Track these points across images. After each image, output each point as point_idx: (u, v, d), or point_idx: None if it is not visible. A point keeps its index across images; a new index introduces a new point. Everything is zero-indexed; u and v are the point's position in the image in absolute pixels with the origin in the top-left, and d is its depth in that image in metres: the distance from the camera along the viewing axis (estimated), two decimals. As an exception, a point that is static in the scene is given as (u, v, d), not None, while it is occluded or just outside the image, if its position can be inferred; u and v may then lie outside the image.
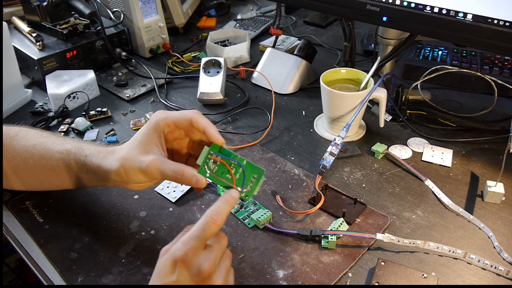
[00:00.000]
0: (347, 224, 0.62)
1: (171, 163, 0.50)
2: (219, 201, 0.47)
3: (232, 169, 0.49)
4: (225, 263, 0.47)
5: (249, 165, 0.49)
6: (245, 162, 0.49)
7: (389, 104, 0.84)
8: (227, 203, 0.47)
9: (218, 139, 0.50)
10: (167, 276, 0.43)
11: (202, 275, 0.43)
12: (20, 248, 0.61)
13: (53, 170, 0.59)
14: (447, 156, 0.75)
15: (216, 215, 0.45)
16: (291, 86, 0.95)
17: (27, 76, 1.00)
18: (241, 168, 0.49)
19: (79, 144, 0.59)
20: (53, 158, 0.58)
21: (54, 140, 0.61)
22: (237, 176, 0.49)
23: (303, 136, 0.82)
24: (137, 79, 1.01)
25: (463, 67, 0.93)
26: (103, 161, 0.55)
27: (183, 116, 0.52)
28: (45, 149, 0.59)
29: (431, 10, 0.69)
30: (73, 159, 0.58)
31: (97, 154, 0.56)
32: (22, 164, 0.60)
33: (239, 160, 0.49)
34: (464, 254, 0.57)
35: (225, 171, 0.50)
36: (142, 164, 0.51)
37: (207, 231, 0.44)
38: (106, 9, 1.08)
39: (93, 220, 0.64)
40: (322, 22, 1.29)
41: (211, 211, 0.46)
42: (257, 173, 0.49)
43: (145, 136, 0.52)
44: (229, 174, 0.49)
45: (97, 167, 0.55)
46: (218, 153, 0.50)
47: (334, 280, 0.55)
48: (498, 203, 0.66)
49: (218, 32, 1.14)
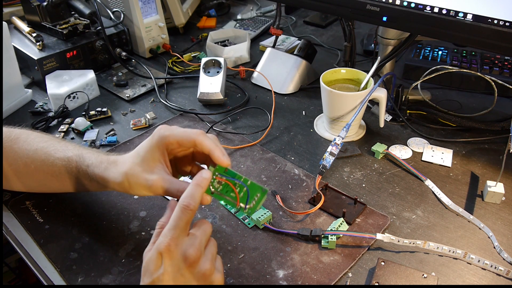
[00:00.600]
0: (347, 224, 0.62)
1: (176, 182, 0.50)
2: (191, 185, 0.47)
3: (236, 188, 0.50)
4: (210, 249, 0.47)
5: (252, 185, 0.50)
6: (249, 182, 0.50)
7: (389, 104, 0.84)
8: (198, 187, 0.47)
9: (223, 162, 0.49)
10: (155, 271, 0.43)
11: (188, 261, 0.44)
12: (20, 248, 0.61)
13: (55, 176, 0.59)
14: (447, 156, 0.75)
15: (188, 200, 0.46)
16: (291, 86, 0.95)
17: (27, 76, 1.00)
18: (245, 188, 0.50)
19: (80, 151, 0.59)
20: (55, 165, 0.58)
21: (55, 146, 0.60)
22: (241, 195, 0.51)
23: (303, 136, 0.82)
24: (137, 79, 1.01)
25: (463, 67, 0.93)
26: (105, 172, 0.55)
27: (187, 137, 0.51)
28: (46, 154, 0.59)
29: (431, 10, 0.69)
30: (75, 167, 0.57)
31: (99, 164, 0.56)
32: (23, 168, 0.60)
33: (243, 181, 0.50)
34: (464, 254, 0.57)
35: (229, 190, 0.51)
36: (147, 182, 0.51)
37: (183, 219, 0.45)
38: (106, 9, 1.08)
39: (93, 220, 0.64)
40: (322, 22, 1.29)
41: (183, 198, 0.46)
42: (260, 192, 0.51)
43: (148, 152, 0.52)
44: (233, 193, 0.51)
45: (100, 177, 0.55)
46: (223, 174, 0.50)
47: (334, 280, 0.55)
48: (498, 203, 0.66)
49: (218, 32, 1.14)
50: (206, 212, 0.65)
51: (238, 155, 0.77)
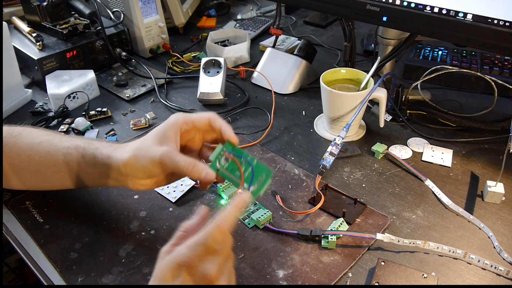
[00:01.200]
0: (347, 224, 0.62)
1: (184, 156, 0.51)
2: (229, 206, 0.46)
3: (242, 167, 0.51)
4: (228, 266, 0.46)
5: (258, 165, 0.51)
6: (255, 162, 0.51)
7: (389, 104, 0.84)
8: (236, 208, 0.46)
9: (233, 138, 0.53)
10: (171, 280, 0.42)
11: (206, 279, 0.43)
12: (20, 248, 0.61)
13: (57, 167, 0.59)
14: (447, 156, 0.75)
15: (223, 222, 0.45)
16: (291, 86, 0.95)
17: (27, 76, 1.00)
18: (250, 167, 0.51)
19: (89, 140, 0.60)
20: (60, 154, 0.59)
21: (61, 137, 0.61)
22: (246, 175, 0.51)
23: (303, 136, 0.82)
24: (137, 79, 1.01)
25: (463, 67, 0.93)
26: (113, 152, 0.56)
27: (201, 116, 0.55)
28: (51, 145, 0.60)
29: (431, 10, 0.69)
30: (81, 154, 0.58)
31: (108, 146, 0.57)
32: (26, 161, 0.60)
33: (250, 159, 0.51)
34: (464, 254, 0.57)
35: (235, 168, 0.51)
36: (156, 154, 0.51)
37: (213, 240, 0.43)
38: (106, 9, 1.08)
39: (93, 220, 0.64)
40: (322, 22, 1.29)
41: (219, 218, 0.45)
42: (265, 173, 0.51)
43: (161, 131, 0.54)
44: (238, 172, 0.51)
45: (106, 156, 0.56)
46: (231, 150, 0.52)
47: (334, 280, 0.55)
48: (498, 203, 0.66)
49: (218, 32, 1.14)
50: (206, 212, 0.65)
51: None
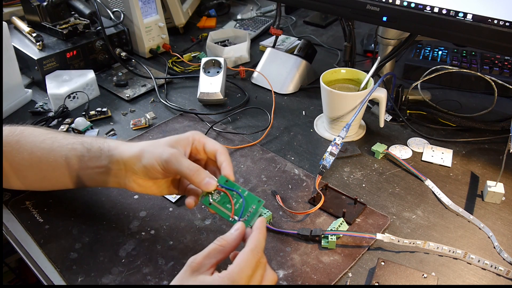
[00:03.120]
0: (347, 224, 0.62)
1: (189, 161, 0.53)
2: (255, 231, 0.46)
3: (233, 199, 0.52)
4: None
5: (249, 196, 0.52)
6: (246, 193, 0.52)
7: (389, 104, 0.84)
8: (262, 231, 0.46)
9: (230, 176, 0.53)
10: None
11: None
12: (20, 248, 0.61)
13: (58, 164, 0.59)
14: (447, 156, 0.75)
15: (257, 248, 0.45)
16: (291, 86, 0.95)
17: (27, 76, 1.00)
18: (241, 199, 0.52)
19: (96, 137, 0.62)
20: (64, 149, 0.59)
21: (65, 135, 0.62)
22: (237, 206, 0.52)
23: (303, 136, 0.82)
24: (137, 79, 1.01)
25: (463, 67, 0.93)
26: (122, 144, 0.58)
27: (213, 143, 0.56)
28: (55, 142, 0.60)
29: (431, 10, 0.69)
30: (87, 148, 0.59)
31: (116, 141, 0.59)
32: (27, 158, 0.60)
33: (241, 191, 0.52)
34: (464, 254, 0.57)
35: (226, 201, 0.52)
36: (164, 152, 0.53)
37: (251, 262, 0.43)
38: (106, 9, 1.08)
39: (93, 220, 0.64)
40: (322, 22, 1.29)
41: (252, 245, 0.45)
42: (255, 204, 0.51)
43: (175, 138, 0.56)
44: (229, 205, 0.52)
45: (114, 147, 0.57)
46: (224, 184, 0.53)
47: (334, 280, 0.55)
48: (498, 203, 0.66)
49: (218, 32, 1.14)
50: (207, 212, 0.65)
51: (238, 155, 0.77)
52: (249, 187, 0.69)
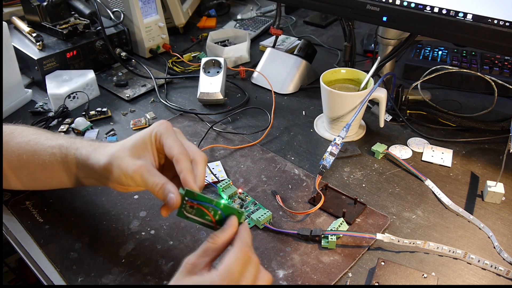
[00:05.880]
0: (347, 224, 0.62)
1: (157, 175, 0.49)
2: (242, 230, 0.46)
3: (210, 212, 0.47)
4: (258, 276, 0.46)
5: (226, 208, 0.47)
6: (222, 205, 0.47)
7: (389, 104, 0.84)
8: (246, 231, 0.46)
9: (192, 188, 0.48)
10: None
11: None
12: (20, 248, 0.61)
13: (45, 166, 0.59)
14: (447, 156, 0.75)
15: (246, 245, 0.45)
16: (291, 86, 0.95)
17: (27, 76, 1.00)
18: (219, 211, 0.47)
19: (72, 139, 0.59)
20: (46, 153, 0.58)
21: (47, 136, 0.61)
22: (217, 218, 0.48)
23: (303, 136, 0.82)
24: (137, 79, 1.01)
25: (463, 67, 0.93)
26: (92, 153, 0.55)
27: (168, 149, 0.51)
28: (38, 144, 0.59)
29: (431, 10, 0.69)
30: (65, 153, 0.57)
31: (88, 146, 0.56)
32: (16, 161, 0.60)
33: (215, 204, 0.47)
34: (464, 254, 0.57)
35: (203, 213, 0.48)
36: (129, 168, 0.50)
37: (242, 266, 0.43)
38: (106, 9, 1.08)
39: (93, 220, 0.64)
40: (322, 22, 1.29)
41: (242, 246, 0.45)
42: (236, 214, 0.47)
43: (141, 140, 0.52)
44: (208, 216, 0.48)
45: (86, 157, 0.55)
46: (193, 199, 0.47)
47: (334, 280, 0.55)
48: (498, 203, 0.66)
49: (218, 32, 1.14)
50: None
51: (238, 155, 0.77)
52: (249, 187, 0.69)
